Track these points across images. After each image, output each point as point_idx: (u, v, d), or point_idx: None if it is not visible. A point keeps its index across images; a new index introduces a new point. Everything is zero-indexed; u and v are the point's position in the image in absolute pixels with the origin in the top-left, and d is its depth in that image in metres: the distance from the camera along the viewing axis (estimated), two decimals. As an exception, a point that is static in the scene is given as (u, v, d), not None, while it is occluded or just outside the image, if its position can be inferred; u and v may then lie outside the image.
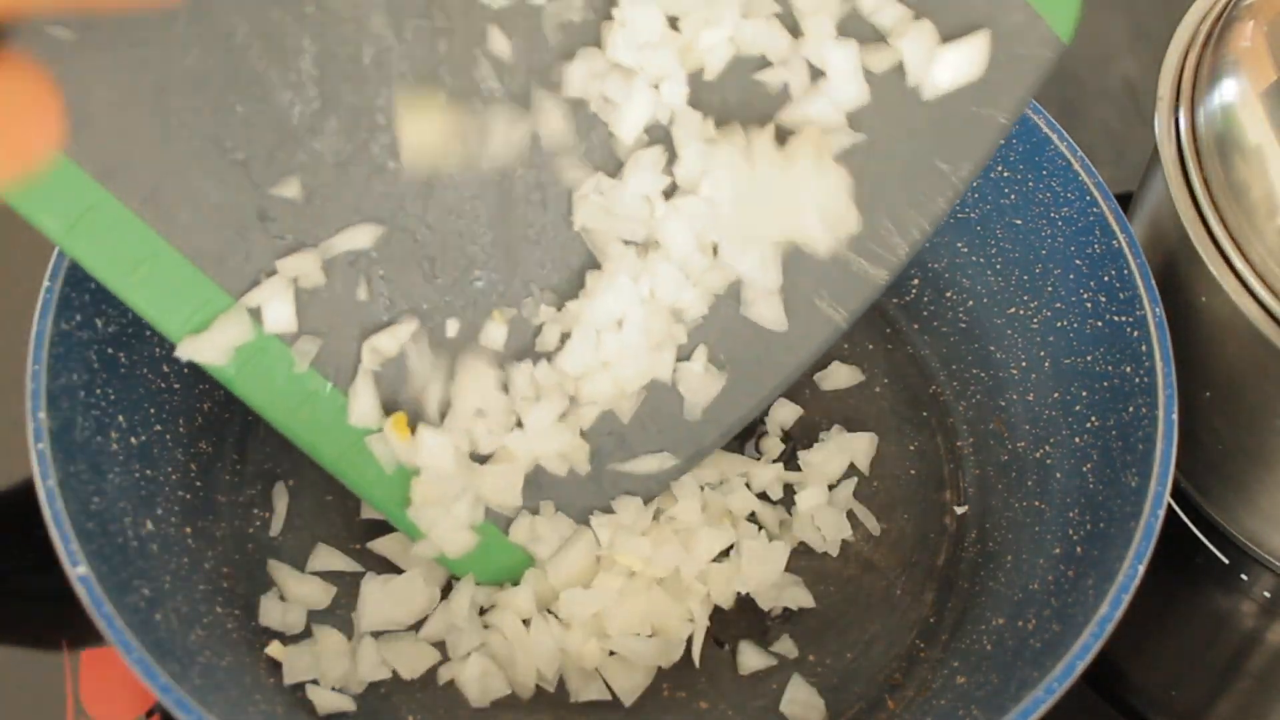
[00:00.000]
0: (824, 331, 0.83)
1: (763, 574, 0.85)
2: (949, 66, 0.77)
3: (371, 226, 0.76)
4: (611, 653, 0.83)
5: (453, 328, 0.78)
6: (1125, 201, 0.92)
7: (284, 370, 0.76)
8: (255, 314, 0.75)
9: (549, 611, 0.83)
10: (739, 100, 0.78)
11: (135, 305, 0.73)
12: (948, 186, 0.81)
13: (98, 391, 0.81)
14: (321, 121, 0.73)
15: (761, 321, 0.81)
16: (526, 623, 0.83)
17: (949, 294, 0.95)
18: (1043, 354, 0.91)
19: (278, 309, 0.75)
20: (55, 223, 0.70)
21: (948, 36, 0.77)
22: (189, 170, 0.72)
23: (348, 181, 0.74)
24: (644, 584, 0.83)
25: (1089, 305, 0.88)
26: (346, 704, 0.81)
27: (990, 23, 0.78)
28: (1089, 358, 0.87)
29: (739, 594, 0.86)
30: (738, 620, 0.86)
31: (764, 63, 0.77)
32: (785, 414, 0.92)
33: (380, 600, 0.83)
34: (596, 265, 0.79)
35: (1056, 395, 0.89)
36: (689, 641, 0.84)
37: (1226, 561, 0.95)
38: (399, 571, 0.84)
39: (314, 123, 0.73)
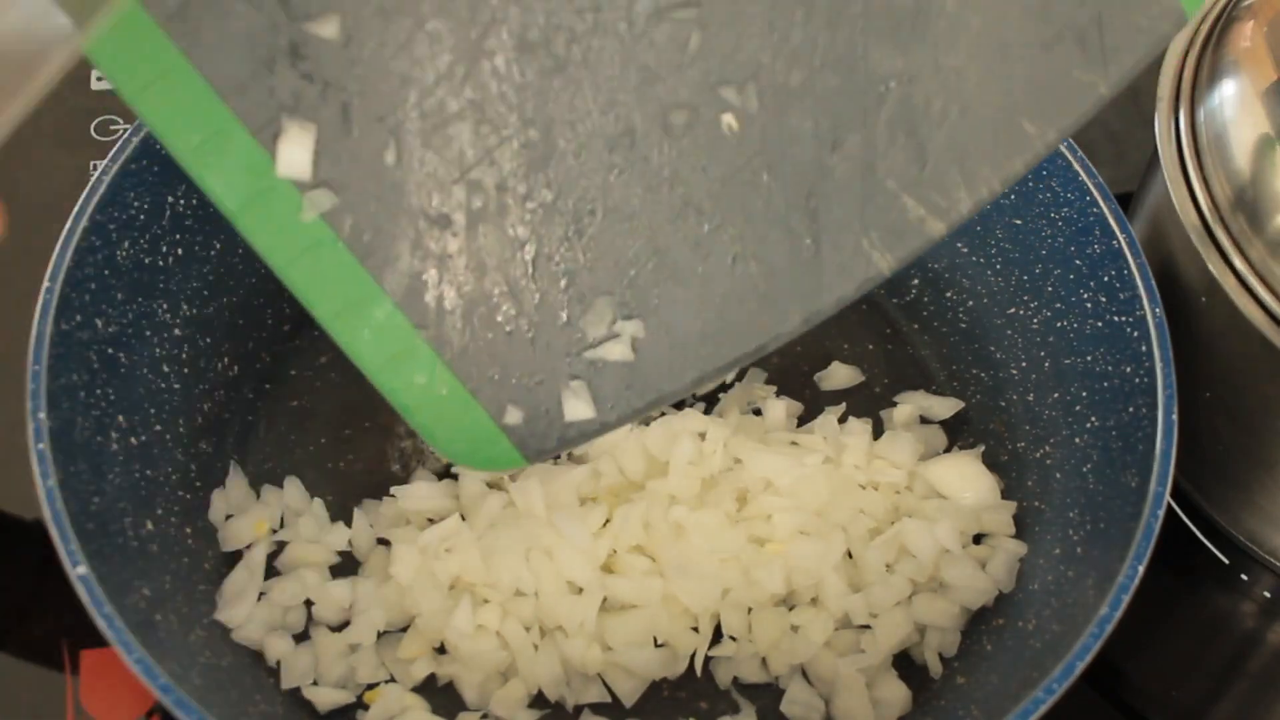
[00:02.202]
0: (864, 273, 0.78)
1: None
2: None
3: (404, 84, 0.72)
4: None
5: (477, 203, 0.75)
6: (1125, 201, 0.92)
7: (290, 216, 0.73)
8: (270, 153, 0.72)
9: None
10: None
11: (146, 119, 0.70)
12: (1029, 149, 0.77)
13: (98, 391, 0.81)
14: None
15: None
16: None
17: (949, 294, 0.95)
18: (1043, 354, 0.91)
19: (293, 152, 0.72)
20: (71, 13, 0.65)
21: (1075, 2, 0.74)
22: None
23: (390, 32, 0.71)
24: (651, 597, 0.83)
25: (1089, 305, 0.88)
26: (346, 696, 0.82)
27: None
28: (1089, 358, 0.87)
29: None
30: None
31: None
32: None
33: (378, 602, 0.83)
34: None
35: (1056, 395, 0.89)
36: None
37: (1226, 561, 0.95)
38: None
39: None
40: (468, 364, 0.78)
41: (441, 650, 0.84)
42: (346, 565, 0.86)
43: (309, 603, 0.84)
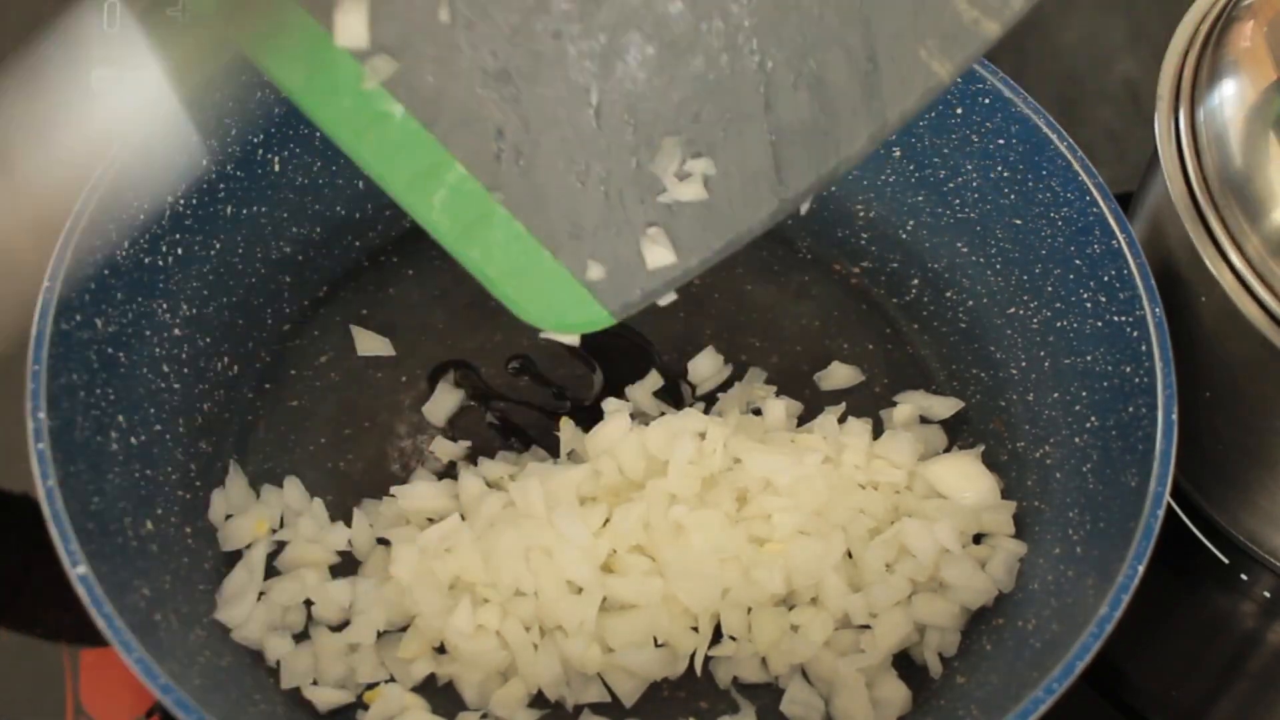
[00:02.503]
0: (924, 83, 0.77)
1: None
2: None
3: None
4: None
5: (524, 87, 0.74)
6: (1125, 201, 0.92)
7: (352, 88, 0.73)
8: (325, 27, 0.71)
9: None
10: None
11: (199, 7, 0.71)
12: None
13: (98, 391, 0.81)
14: None
15: None
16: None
17: (949, 294, 0.95)
18: (1043, 354, 0.91)
19: (350, 20, 0.71)
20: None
21: None
22: None
23: None
24: (651, 597, 0.83)
25: (1089, 305, 0.88)
26: (346, 696, 0.82)
27: None
28: (1089, 358, 0.87)
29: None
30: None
31: None
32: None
33: (378, 601, 0.83)
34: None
35: (1056, 395, 0.89)
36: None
37: (1226, 561, 0.95)
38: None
39: None
40: (544, 222, 0.76)
41: (441, 650, 0.84)
42: (346, 565, 0.86)
43: (309, 603, 0.84)
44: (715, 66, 0.75)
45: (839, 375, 0.94)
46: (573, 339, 0.81)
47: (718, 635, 0.84)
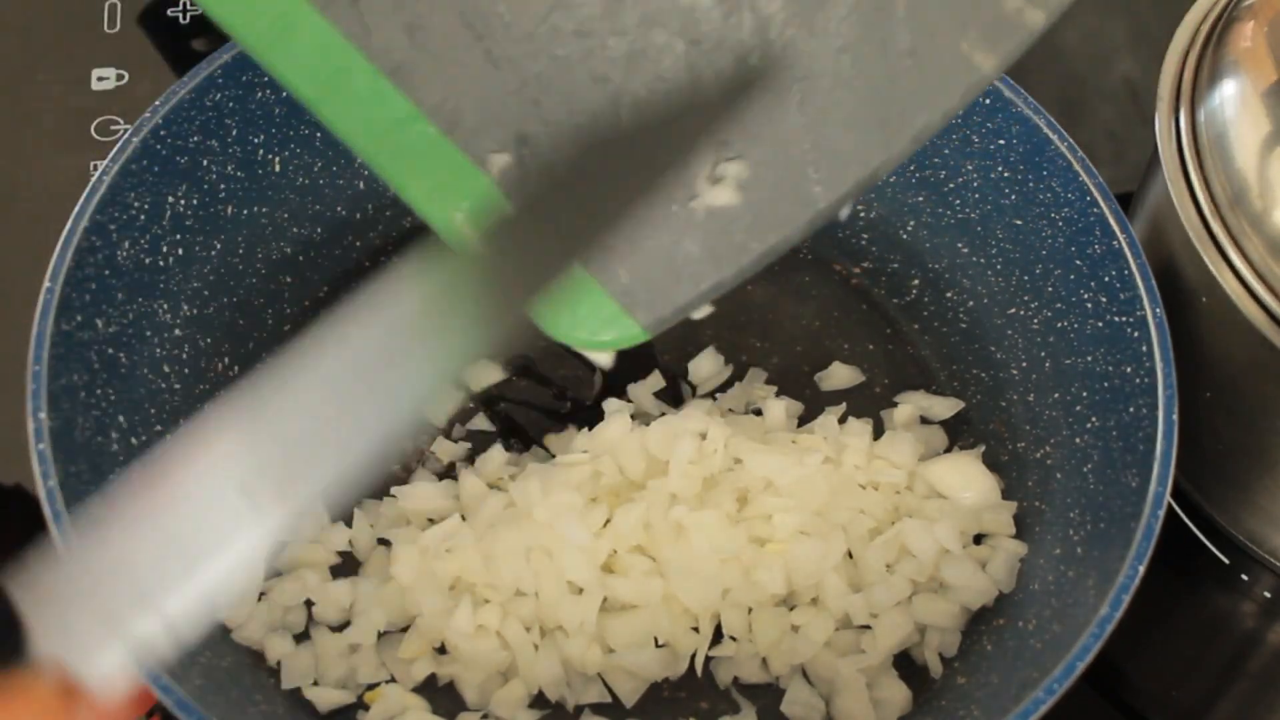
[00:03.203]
0: (967, 79, 0.73)
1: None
2: None
3: None
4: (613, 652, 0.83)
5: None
6: (1125, 201, 0.92)
7: (369, 94, 0.71)
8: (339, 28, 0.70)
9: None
10: None
11: (211, 11, 0.69)
12: None
13: (98, 391, 0.81)
14: None
15: None
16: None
17: (949, 294, 0.95)
18: (1043, 354, 0.91)
19: None
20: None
21: None
22: None
23: None
24: (652, 597, 0.83)
25: (1089, 305, 0.88)
26: (347, 697, 0.82)
27: None
28: (1089, 358, 0.87)
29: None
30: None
31: None
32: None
33: (378, 602, 0.83)
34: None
35: (1057, 396, 0.89)
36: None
37: (1226, 561, 0.95)
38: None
39: None
40: None
41: (442, 650, 0.84)
42: (347, 565, 0.86)
43: (309, 603, 0.84)
44: (746, 65, 0.73)
45: (839, 375, 0.94)
46: (606, 357, 0.77)
47: (718, 635, 0.84)
